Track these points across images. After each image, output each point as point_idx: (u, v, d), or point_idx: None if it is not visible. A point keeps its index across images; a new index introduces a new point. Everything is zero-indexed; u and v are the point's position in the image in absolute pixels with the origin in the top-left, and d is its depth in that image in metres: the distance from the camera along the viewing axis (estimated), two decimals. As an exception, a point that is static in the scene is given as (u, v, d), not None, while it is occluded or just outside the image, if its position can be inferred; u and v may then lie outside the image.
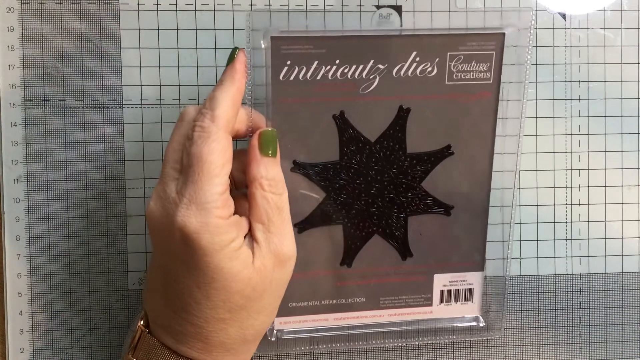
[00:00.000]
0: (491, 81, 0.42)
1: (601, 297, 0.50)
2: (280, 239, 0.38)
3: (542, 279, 0.49)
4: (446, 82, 0.42)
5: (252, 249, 0.37)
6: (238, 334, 0.38)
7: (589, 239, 0.49)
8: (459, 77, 0.42)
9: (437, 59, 0.41)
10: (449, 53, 0.41)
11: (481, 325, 0.47)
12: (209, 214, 0.35)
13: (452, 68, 0.42)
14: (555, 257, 0.49)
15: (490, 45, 0.42)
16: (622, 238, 0.50)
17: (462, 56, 0.42)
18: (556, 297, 0.49)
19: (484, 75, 0.42)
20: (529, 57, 0.42)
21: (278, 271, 0.38)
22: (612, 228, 0.49)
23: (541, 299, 0.49)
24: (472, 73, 0.42)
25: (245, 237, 0.38)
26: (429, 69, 0.42)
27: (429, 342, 0.47)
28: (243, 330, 0.38)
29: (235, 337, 0.38)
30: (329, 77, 0.41)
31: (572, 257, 0.49)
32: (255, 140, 0.39)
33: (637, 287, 0.50)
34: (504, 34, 0.42)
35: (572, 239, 0.49)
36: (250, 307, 0.38)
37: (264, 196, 0.38)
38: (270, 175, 0.38)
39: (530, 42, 0.42)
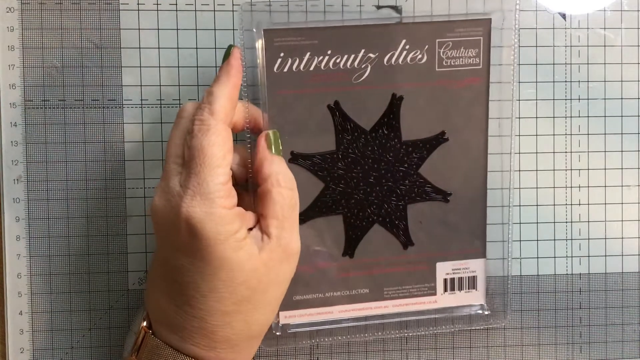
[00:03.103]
0: (481, 66, 0.43)
1: (601, 297, 0.50)
2: (291, 234, 0.39)
3: (542, 279, 0.49)
4: (437, 69, 0.42)
5: (261, 242, 0.38)
6: (243, 328, 0.38)
7: (589, 239, 0.49)
8: (449, 64, 0.43)
9: (427, 46, 0.42)
10: (437, 40, 0.42)
11: (486, 313, 0.47)
12: (213, 204, 0.36)
13: (441, 55, 0.42)
14: (555, 257, 0.49)
15: (477, 31, 0.43)
16: (622, 238, 0.50)
17: (450, 43, 0.42)
18: (556, 297, 0.49)
19: (473, 61, 0.43)
20: (515, 39, 0.43)
21: (285, 265, 0.39)
22: (612, 228, 0.49)
23: (541, 299, 0.49)
24: (461, 59, 0.43)
25: (250, 229, 0.38)
26: (419, 56, 0.42)
27: (434, 332, 0.47)
28: (248, 325, 0.38)
29: (241, 332, 0.38)
30: (322, 67, 0.41)
31: (572, 257, 0.49)
32: (263, 141, 0.40)
33: (637, 287, 0.50)
34: (490, 19, 0.43)
35: (572, 239, 0.49)
36: (255, 299, 0.38)
37: (280, 192, 0.39)
38: (284, 171, 0.39)
39: (517, 24, 0.43)
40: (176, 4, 0.46)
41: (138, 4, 0.46)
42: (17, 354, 0.46)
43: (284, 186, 0.39)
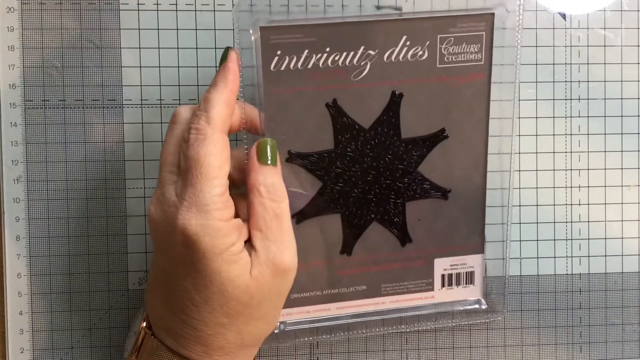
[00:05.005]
0: (482, 62, 0.43)
1: (601, 297, 0.50)
2: (280, 248, 0.38)
3: (542, 279, 0.49)
4: (438, 65, 0.42)
5: (250, 257, 0.37)
6: (236, 339, 0.38)
7: (589, 239, 0.49)
8: (450, 60, 0.42)
9: (428, 42, 0.41)
10: (439, 36, 0.41)
11: (483, 307, 0.47)
12: (209, 216, 0.35)
13: (443, 51, 0.42)
14: (555, 257, 0.49)
15: (480, 26, 0.42)
16: (622, 238, 0.50)
17: (452, 38, 0.42)
18: (556, 297, 0.49)
19: (475, 56, 0.42)
20: (519, 39, 0.42)
21: (277, 282, 0.38)
22: (612, 228, 0.49)
23: (541, 299, 0.49)
24: (463, 55, 0.42)
25: (246, 243, 0.38)
26: (420, 52, 0.42)
27: (431, 327, 0.47)
28: (241, 336, 0.38)
29: (234, 342, 0.38)
30: (320, 65, 0.41)
31: (572, 257, 0.49)
32: (253, 151, 0.39)
33: (637, 287, 0.50)
34: (493, 14, 0.42)
35: (572, 239, 0.49)
36: (248, 314, 0.38)
37: (261, 202, 0.38)
38: (269, 182, 0.38)
39: (520, 23, 0.42)
40: (176, 4, 0.46)
41: (138, 4, 0.46)
42: (17, 354, 0.46)
43: (266, 197, 0.37)
